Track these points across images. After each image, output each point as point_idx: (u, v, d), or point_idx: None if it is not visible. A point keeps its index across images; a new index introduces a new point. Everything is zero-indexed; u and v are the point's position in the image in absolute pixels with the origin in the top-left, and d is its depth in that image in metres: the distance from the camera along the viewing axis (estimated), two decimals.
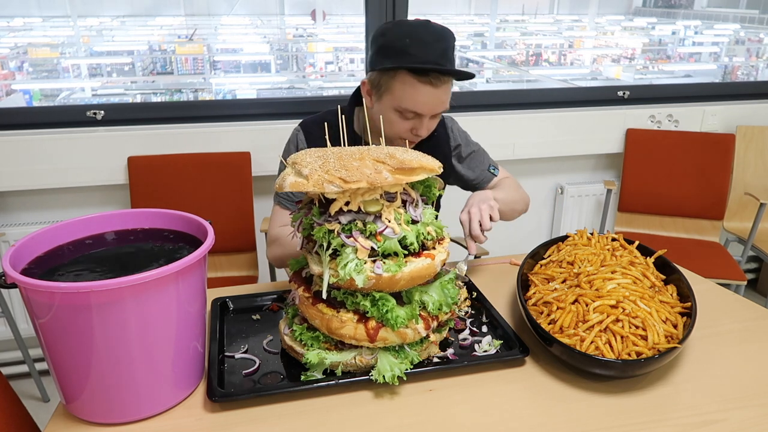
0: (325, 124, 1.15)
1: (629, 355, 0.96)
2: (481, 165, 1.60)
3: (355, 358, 0.96)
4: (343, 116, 1.09)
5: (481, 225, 1.29)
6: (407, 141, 1.36)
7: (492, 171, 1.61)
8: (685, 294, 1.10)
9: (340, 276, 0.89)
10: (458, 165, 1.59)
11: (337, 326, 0.94)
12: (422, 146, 1.48)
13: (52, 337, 0.81)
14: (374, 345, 0.95)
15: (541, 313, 1.09)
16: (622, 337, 0.98)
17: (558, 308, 1.06)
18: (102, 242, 0.98)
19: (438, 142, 1.52)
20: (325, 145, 1.03)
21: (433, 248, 0.97)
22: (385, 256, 0.92)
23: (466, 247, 1.80)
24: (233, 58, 3.60)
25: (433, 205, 1.03)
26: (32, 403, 2.20)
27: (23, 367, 2.24)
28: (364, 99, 1.40)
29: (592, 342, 0.98)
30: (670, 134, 2.62)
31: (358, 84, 1.43)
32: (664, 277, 1.16)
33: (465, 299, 1.19)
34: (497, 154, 1.63)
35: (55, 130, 2.12)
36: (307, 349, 0.98)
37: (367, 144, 1.05)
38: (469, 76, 1.30)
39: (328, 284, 0.91)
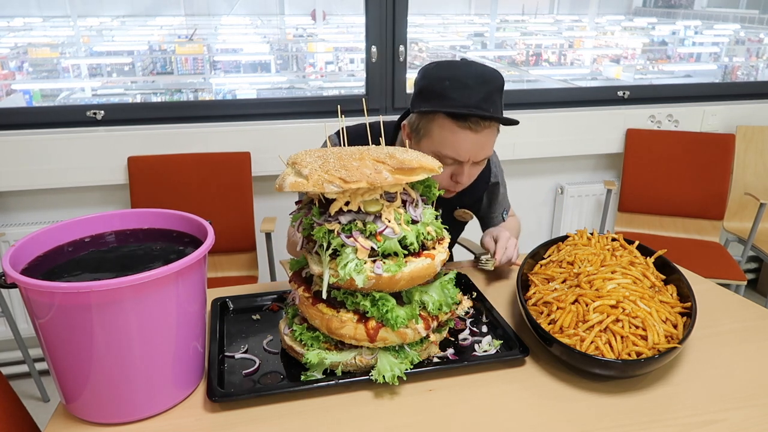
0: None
1: (629, 355, 0.96)
2: (499, 207, 1.58)
3: (355, 358, 0.96)
4: (342, 115, 1.09)
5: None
6: (446, 190, 1.29)
7: (503, 216, 1.58)
8: (685, 294, 1.10)
9: (340, 276, 0.89)
10: (490, 199, 1.56)
11: (337, 326, 0.94)
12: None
13: (52, 337, 0.81)
14: (374, 345, 0.95)
15: (541, 313, 1.09)
16: (622, 337, 0.98)
17: (558, 308, 1.06)
18: (102, 242, 0.98)
19: (479, 176, 1.42)
20: None
21: (433, 248, 0.97)
22: (385, 256, 0.92)
23: (470, 250, 1.79)
24: (233, 58, 3.60)
25: (432, 206, 1.02)
26: (32, 403, 2.20)
27: (23, 367, 2.24)
28: (405, 142, 1.31)
29: (592, 342, 0.98)
30: (670, 134, 2.62)
31: (359, 84, 1.41)
32: (664, 277, 1.16)
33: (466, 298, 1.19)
34: (497, 154, 1.63)
35: (55, 130, 2.11)
36: (307, 349, 0.98)
37: None
38: (513, 122, 1.21)
39: (328, 284, 0.91)
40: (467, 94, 1.16)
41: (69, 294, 0.76)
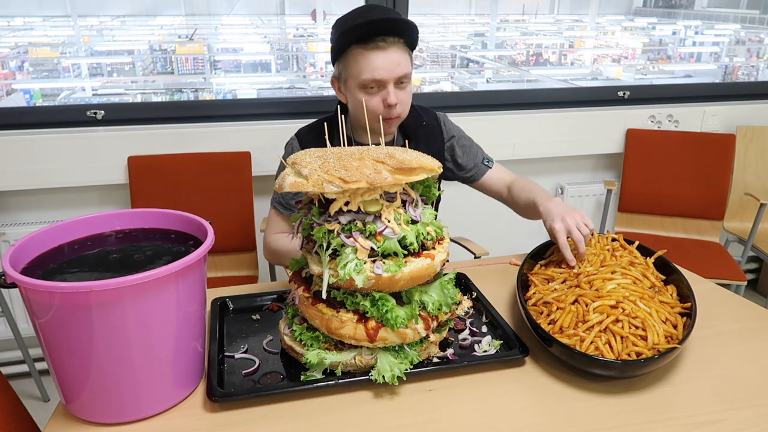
0: (325, 123, 1.16)
1: (629, 355, 0.96)
2: (475, 158, 1.61)
3: (354, 358, 0.96)
4: (342, 116, 1.09)
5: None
6: (384, 120, 1.34)
7: (486, 164, 1.62)
8: (685, 294, 1.10)
9: (339, 276, 0.89)
10: (455, 154, 1.59)
11: (337, 326, 0.94)
12: (417, 135, 1.50)
13: (52, 337, 0.81)
14: (374, 345, 0.95)
15: (541, 313, 1.09)
16: (621, 337, 0.98)
17: (558, 308, 1.06)
18: (102, 242, 0.98)
19: (431, 132, 1.54)
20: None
21: (433, 248, 0.97)
22: (385, 256, 0.92)
23: (470, 250, 1.78)
24: (233, 57, 3.61)
25: (432, 205, 1.02)
26: (32, 403, 2.20)
27: (23, 367, 2.24)
28: (339, 98, 1.42)
29: (591, 342, 0.98)
30: (670, 134, 2.62)
31: None
32: (664, 277, 1.16)
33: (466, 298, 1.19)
34: (497, 154, 1.63)
35: (55, 130, 2.11)
36: (307, 349, 0.98)
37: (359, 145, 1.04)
38: (410, 24, 1.30)
39: (328, 284, 0.91)
40: (368, 18, 1.28)
41: (69, 294, 0.76)
